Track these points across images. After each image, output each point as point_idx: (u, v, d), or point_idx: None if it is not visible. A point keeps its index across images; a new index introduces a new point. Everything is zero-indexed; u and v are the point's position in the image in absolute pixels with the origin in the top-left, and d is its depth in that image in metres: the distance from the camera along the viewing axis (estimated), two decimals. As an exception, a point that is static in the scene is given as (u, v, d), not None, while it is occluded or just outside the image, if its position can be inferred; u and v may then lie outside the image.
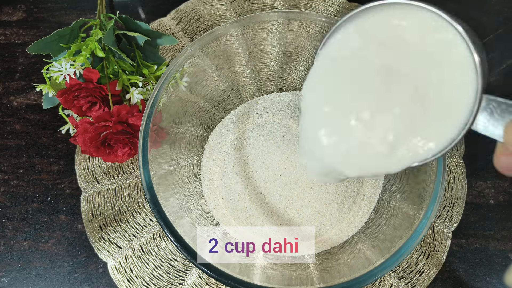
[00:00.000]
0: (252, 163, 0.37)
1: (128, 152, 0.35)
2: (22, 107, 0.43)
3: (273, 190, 0.36)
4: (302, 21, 0.38)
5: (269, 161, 0.37)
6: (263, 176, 0.37)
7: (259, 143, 0.38)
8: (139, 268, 0.37)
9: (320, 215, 0.36)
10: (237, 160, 0.38)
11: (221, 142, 0.40)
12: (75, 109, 0.35)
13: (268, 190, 0.36)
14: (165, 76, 0.33)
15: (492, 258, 0.38)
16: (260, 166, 0.37)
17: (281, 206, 0.36)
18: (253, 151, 0.38)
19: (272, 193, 0.36)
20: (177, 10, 0.46)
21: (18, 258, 0.38)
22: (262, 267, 0.34)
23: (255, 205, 0.36)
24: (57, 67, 0.34)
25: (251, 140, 0.39)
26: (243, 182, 0.37)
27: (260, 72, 0.43)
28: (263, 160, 0.37)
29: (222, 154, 0.39)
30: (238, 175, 0.37)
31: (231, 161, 0.38)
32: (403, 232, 0.30)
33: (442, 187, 0.29)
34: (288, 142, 0.38)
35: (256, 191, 0.37)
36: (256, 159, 0.37)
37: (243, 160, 0.38)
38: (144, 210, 0.39)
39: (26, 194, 0.40)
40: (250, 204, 0.36)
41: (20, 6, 0.47)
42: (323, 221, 0.36)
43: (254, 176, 0.37)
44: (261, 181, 0.37)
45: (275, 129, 0.39)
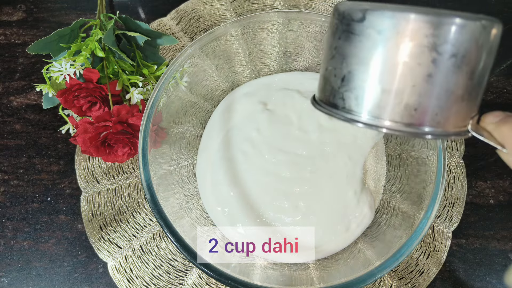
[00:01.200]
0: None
1: (128, 152, 0.35)
2: (22, 107, 0.43)
3: (264, 191, 0.36)
4: (302, 21, 0.38)
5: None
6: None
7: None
8: (139, 268, 0.37)
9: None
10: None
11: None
12: (75, 109, 0.35)
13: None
14: (165, 76, 0.33)
15: (492, 258, 0.38)
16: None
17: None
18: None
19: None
20: (177, 10, 0.46)
21: (18, 258, 0.38)
22: (262, 267, 0.34)
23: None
24: (57, 67, 0.34)
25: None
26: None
27: (260, 72, 0.43)
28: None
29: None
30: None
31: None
32: (403, 232, 0.30)
33: (442, 187, 0.29)
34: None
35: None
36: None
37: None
38: (144, 210, 0.39)
39: (26, 194, 0.40)
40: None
41: (20, 6, 0.47)
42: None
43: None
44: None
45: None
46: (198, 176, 0.39)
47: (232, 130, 0.39)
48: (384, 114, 0.20)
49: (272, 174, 0.37)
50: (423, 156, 0.33)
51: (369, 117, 0.20)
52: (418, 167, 0.34)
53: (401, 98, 0.19)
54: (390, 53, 0.19)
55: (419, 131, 0.20)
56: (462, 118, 0.20)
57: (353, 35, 0.20)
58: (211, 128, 0.40)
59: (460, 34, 0.18)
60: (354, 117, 0.20)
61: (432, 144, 0.32)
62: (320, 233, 0.35)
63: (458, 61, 0.18)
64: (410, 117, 0.19)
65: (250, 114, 0.40)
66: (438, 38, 0.18)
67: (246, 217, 0.36)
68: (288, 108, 0.39)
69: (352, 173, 0.37)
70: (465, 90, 0.19)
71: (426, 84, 0.19)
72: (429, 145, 0.32)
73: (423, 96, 0.19)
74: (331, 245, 0.35)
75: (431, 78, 0.19)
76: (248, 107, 0.40)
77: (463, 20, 0.18)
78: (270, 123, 0.39)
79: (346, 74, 0.20)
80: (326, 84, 0.22)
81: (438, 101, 0.19)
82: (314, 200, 0.36)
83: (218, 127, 0.40)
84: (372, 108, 0.20)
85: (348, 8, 0.20)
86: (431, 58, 0.18)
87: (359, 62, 0.20)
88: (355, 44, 0.20)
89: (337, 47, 0.21)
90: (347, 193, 0.36)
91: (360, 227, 0.36)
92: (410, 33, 0.18)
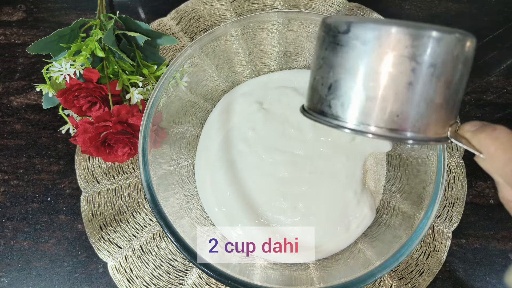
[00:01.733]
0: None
1: (128, 152, 0.35)
2: (22, 107, 0.43)
3: (262, 192, 0.36)
4: (302, 21, 0.38)
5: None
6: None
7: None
8: (139, 268, 0.37)
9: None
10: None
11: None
12: (75, 109, 0.35)
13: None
14: (165, 76, 0.33)
15: (492, 258, 0.38)
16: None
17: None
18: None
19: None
20: (177, 10, 0.46)
21: (18, 258, 0.38)
22: (262, 267, 0.34)
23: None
24: (57, 67, 0.34)
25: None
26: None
27: (260, 72, 0.43)
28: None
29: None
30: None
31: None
32: (403, 232, 0.30)
33: (442, 187, 0.29)
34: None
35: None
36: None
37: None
38: (144, 210, 0.39)
39: (26, 194, 0.40)
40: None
41: (20, 6, 0.47)
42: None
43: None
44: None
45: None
46: (197, 176, 0.39)
47: (231, 130, 0.39)
48: (369, 120, 0.21)
49: (270, 175, 0.37)
50: (423, 156, 0.33)
51: (355, 123, 0.21)
52: (418, 167, 0.34)
53: (385, 105, 0.20)
54: (374, 63, 0.20)
55: (402, 136, 0.21)
56: (441, 125, 0.21)
57: (339, 46, 0.21)
58: (210, 128, 0.40)
59: (437, 45, 0.20)
60: (340, 123, 0.22)
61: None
62: (320, 233, 0.35)
63: (436, 71, 0.20)
64: (393, 123, 0.21)
65: (246, 114, 0.40)
66: (417, 49, 0.20)
67: (245, 217, 0.36)
68: (284, 106, 0.39)
69: (352, 174, 0.37)
70: (443, 99, 0.21)
71: (407, 92, 0.20)
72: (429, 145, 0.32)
73: (405, 103, 0.20)
74: (331, 245, 0.35)
75: (411, 86, 0.20)
76: (245, 107, 0.40)
77: (439, 33, 0.19)
78: (266, 122, 0.39)
79: (333, 83, 0.22)
80: (314, 93, 0.23)
81: (419, 108, 0.20)
82: (313, 201, 0.36)
83: (216, 127, 0.40)
84: (358, 115, 0.21)
85: (334, 21, 0.21)
86: (411, 67, 0.20)
87: (345, 71, 0.21)
88: (341, 55, 0.21)
89: (324, 58, 0.22)
90: (347, 193, 0.36)
91: (360, 227, 0.36)
92: (392, 44, 0.20)
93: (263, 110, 0.39)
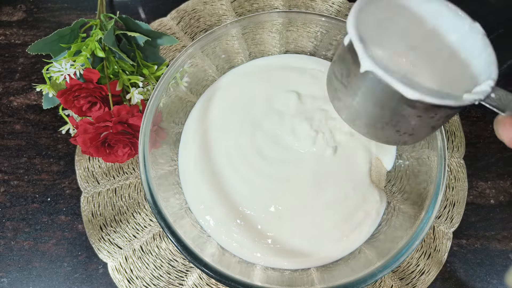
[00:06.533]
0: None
1: (128, 152, 0.35)
2: (22, 107, 0.43)
3: (253, 197, 0.35)
4: (303, 21, 0.38)
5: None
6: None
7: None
8: (139, 268, 0.37)
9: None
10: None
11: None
12: (75, 109, 0.35)
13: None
14: (165, 76, 0.33)
15: (493, 258, 0.38)
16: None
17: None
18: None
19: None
20: (177, 10, 0.46)
21: (18, 259, 0.38)
22: (262, 268, 0.34)
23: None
24: (57, 67, 0.34)
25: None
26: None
27: (260, 72, 0.43)
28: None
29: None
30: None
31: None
32: (404, 233, 0.30)
33: (443, 188, 0.29)
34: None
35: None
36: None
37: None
38: (144, 211, 0.39)
39: (26, 195, 0.40)
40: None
41: (20, 6, 0.47)
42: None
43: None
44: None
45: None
46: (182, 181, 0.37)
47: (209, 128, 0.38)
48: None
49: (260, 178, 0.35)
50: (423, 156, 0.33)
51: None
52: (418, 167, 0.34)
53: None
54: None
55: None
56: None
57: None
58: (191, 125, 0.39)
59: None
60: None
61: (433, 144, 0.32)
62: (320, 241, 0.34)
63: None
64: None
65: (226, 110, 0.38)
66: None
67: (237, 226, 0.35)
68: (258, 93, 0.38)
69: (356, 182, 0.36)
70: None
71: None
72: (430, 145, 0.32)
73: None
74: (331, 252, 0.34)
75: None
76: (223, 103, 0.39)
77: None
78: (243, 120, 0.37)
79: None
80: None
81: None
82: (311, 208, 0.35)
83: (197, 123, 0.39)
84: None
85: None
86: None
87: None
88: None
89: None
90: (350, 200, 0.35)
91: (362, 234, 0.35)
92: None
93: (242, 105, 0.38)
